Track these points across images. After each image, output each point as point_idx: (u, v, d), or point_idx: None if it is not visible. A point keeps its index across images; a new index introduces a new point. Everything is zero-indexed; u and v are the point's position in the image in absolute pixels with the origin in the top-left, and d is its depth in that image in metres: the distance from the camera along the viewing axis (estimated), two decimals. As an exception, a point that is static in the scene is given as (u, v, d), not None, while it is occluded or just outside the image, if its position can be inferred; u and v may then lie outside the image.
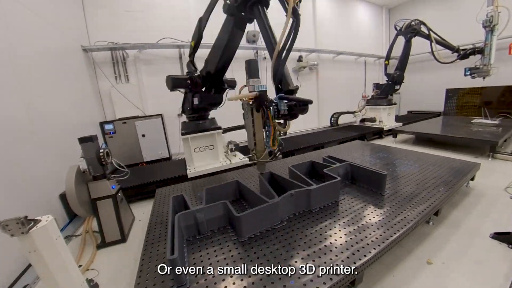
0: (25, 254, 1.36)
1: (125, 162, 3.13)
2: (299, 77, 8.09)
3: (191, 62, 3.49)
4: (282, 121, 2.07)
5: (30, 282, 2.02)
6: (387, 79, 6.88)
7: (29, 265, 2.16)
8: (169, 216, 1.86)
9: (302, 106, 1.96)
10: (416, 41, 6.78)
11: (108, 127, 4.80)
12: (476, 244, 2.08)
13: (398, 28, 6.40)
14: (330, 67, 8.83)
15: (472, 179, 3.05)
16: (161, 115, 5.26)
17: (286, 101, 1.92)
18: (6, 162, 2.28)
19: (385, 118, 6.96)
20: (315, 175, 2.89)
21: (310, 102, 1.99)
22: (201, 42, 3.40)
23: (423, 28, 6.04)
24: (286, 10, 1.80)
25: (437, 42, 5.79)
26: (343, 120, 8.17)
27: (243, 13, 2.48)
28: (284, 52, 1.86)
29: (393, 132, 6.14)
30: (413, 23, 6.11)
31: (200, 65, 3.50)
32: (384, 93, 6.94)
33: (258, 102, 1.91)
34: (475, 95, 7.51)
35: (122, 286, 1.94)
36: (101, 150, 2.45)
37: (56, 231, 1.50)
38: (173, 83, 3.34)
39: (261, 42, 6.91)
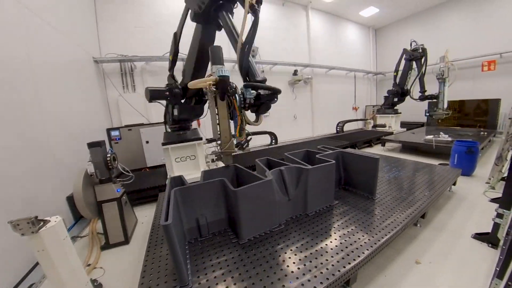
0: (33, 253, 1.32)
1: (129, 167, 3.08)
2: (294, 89, 8.23)
3: (171, 76, 3.33)
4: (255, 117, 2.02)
5: (36, 281, 1.96)
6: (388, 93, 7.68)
7: (35, 265, 2.08)
8: (166, 193, 1.75)
9: (269, 95, 1.89)
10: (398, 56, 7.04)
11: (114, 133, 4.77)
12: (459, 244, 2.10)
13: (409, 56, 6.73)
14: (323, 80, 9.04)
15: (454, 184, 3.11)
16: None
17: (253, 90, 1.85)
18: (19, 164, 2.24)
19: (393, 124, 7.84)
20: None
21: (278, 90, 1.90)
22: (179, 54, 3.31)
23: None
24: (243, 5, 1.82)
25: (420, 78, 6.51)
26: (348, 127, 8.95)
27: (207, 18, 2.42)
28: (247, 45, 1.87)
29: (381, 141, 6.23)
30: (418, 50, 6.54)
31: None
32: (386, 104, 7.86)
33: (221, 89, 1.77)
34: (455, 107, 7.80)
35: (125, 286, 1.88)
36: (108, 155, 2.43)
37: (64, 231, 1.47)
38: (152, 95, 3.17)
39: (259, 57, 7.05)
